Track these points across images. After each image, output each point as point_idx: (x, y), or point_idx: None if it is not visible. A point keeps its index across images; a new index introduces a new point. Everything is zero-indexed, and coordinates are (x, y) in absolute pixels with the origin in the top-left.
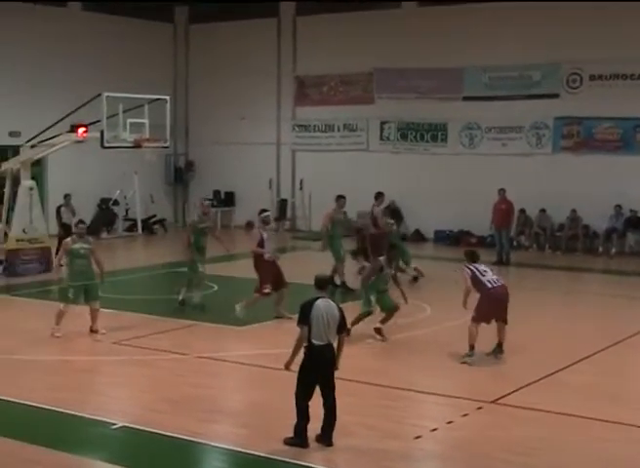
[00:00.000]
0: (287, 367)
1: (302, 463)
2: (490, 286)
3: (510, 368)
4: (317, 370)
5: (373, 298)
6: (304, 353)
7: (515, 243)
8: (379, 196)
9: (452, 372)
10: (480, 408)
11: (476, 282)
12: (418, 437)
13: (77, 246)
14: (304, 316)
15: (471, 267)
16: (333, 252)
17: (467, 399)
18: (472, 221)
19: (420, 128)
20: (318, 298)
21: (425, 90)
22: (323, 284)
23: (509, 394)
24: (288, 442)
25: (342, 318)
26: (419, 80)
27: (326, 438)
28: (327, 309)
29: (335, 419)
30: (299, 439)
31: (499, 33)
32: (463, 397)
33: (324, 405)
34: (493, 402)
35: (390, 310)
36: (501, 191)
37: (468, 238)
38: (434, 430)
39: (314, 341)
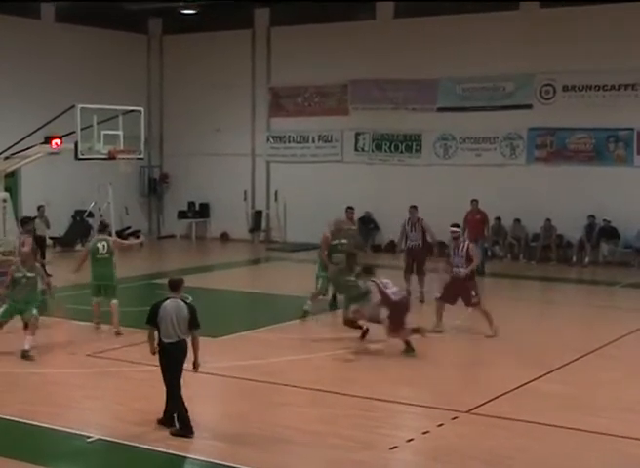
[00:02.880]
0: (152, 353)
1: None
2: (393, 298)
3: (485, 378)
4: (167, 363)
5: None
6: (158, 351)
7: (489, 253)
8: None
9: (427, 383)
10: (455, 418)
11: (381, 295)
12: (394, 447)
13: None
14: (152, 317)
15: (376, 281)
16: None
17: (442, 409)
18: (446, 232)
19: (394, 139)
20: (167, 299)
21: (400, 101)
22: (175, 285)
23: (484, 404)
24: (174, 433)
25: (192, 315)
26: (393, 91)
27: (169, 425)
28: (175, 309)
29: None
30: (184, 428)
31: (472, 44)
32: (439, 407)
33: (167, 391)
34: (468, 412)
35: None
36: (474, 202)
37: (443, 248)
38: (410, 440)
39: (164, 340)
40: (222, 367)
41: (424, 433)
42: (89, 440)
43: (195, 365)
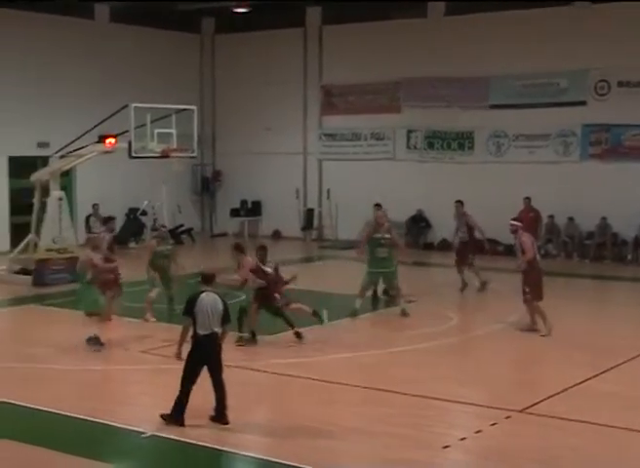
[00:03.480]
0: (177, 356)
1: None
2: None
3: (539, 376)
4: (203, 356)
5: None
6: (192, 342)
7: (543, 251)
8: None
9: (480, 381)
10: (509, 417)
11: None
12: (446, 446)
13: (161, 248)
14: (189, 308)
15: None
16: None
17: (496, 408)
18: (499, 230)
19: (446, 136)
20: (203, 292)
21: (452, 98)
22: (209, 278)
23: (538, 403)
24: (165, 418)
25: (226, 310)
26: (445, 89)
27: (221, 416)
28: (211, 302)
29: (225, 396)
30: (177, 416)
31: (525, 41)
32: (492, 406)
33: (214, 385)
34: (521, 411)
35: None
36: (527, 200)
37: (495, 246)
38: (463, 439)
39: (199, 331)
40: (275, 364)
41: (477, 432)
42: (144, 436)
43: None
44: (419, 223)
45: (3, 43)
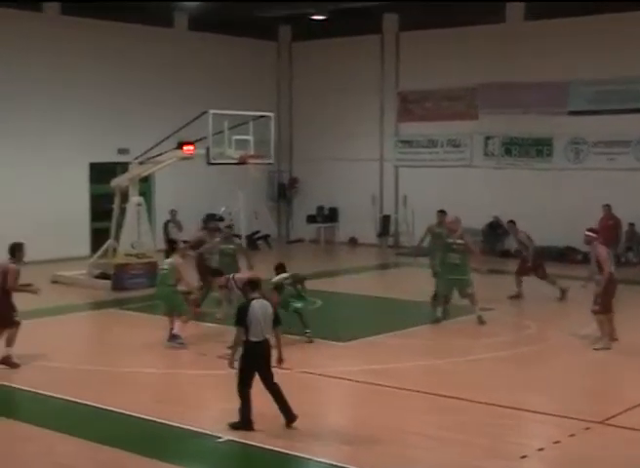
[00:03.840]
0: (230, 365)
1: None
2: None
3: (618, 387)
4: (256, 363)
5: None
6: (243, 349)
7: (623, 259)
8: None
9: (558, 391)
10: (588, 428)
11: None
12: (523, 456)
13: (224, 246)
14: (242, 318)
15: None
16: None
17: (574, 418)
18: (578, 237)
19: (524, 143)
20: (253, 299)
21: (530, 104)
22: (256, 285)
23: (618, 414)
24: (234, 426)
25: (275, 314)
26: (523, 94)
27: (289, 416)
28: (262, 308)
29: (283, 397)
30: (244, 423)
31: (604, 45)
32: (570, 416)
33: (269, 391)
34: (601, 422)
35: None
36: (606, 207)
37: (574, 254)
38: (541, 450)
39: (252, 339)
40: (351, 371)
41: (555, 443)
42: (219, 440)
43: (280, 360)
44: (495, 230)
45: (81, 51)
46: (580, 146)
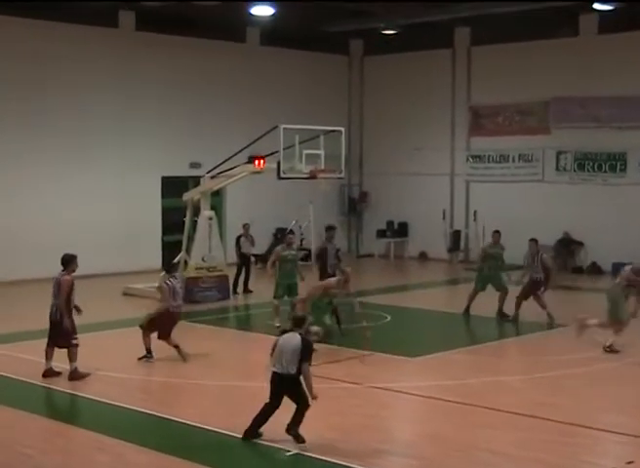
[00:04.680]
0: (314, 397)
1: None
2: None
3: None
4: (277, 392)
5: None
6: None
7: None
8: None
9: (634, 409)
10: None
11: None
12: None
13: (286, 252)
14: (273, 347)
15: (169, 282)
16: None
17: None
18: None
19: (597, 158)
20: (285, 332)
21: (603, 119)
22: (298, 322)
23: None
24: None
25: (303, 350)
26: (597, 109)
27: (289, 429)
28: (288, 342)
29: (299, 419)
30: (249, 430)
31: None
32: None
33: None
34: None
35: None
36: None
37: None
38: None
39: (273, 369)
40: (419, 386)
41: (629, 463)
42: (288, 454)
43: (312, 397)
44: (568, 246)
45: (155, 66)
46: None
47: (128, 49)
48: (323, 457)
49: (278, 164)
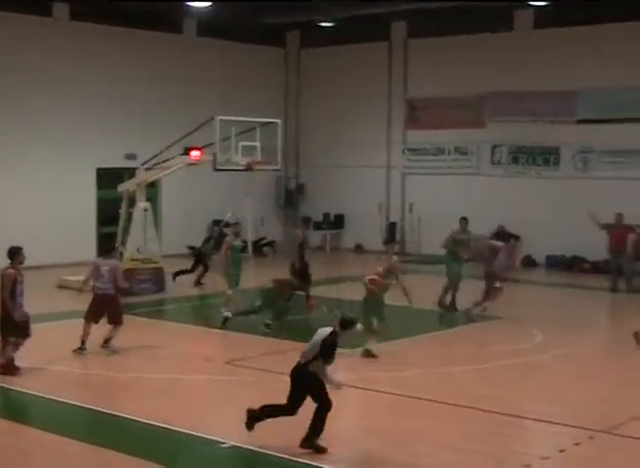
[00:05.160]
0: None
1: None
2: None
3: (625, 397)
4: (292, 388)
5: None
6: None
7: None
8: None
9: (563, 400)
10: (592, 437)
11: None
12: (527, 465)
13: (237, 243)
14: None
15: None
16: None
17: (580, 427)
18: (586, 247)
19: (532, 151)
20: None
21: (538, 113)
22: (348, 324)
23: (624, 423)
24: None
25: (321, 347)
26: (531, 103)
27: (316, 446)
28: (317, 334)
29: (313, 425)
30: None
31: (615, 54)
32: (575, 425)
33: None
34: (606, 431)
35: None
36: (619, 216)
37: (582, 263)
38: (545, 458)
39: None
40: (358, 378)
41: (561, 451)
42: (223, 445)
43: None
44: (501, 239)
45: (88, 57)
46: (588, 155)
47: (62, 39)
48: (259, 449)
49: (214, 155)
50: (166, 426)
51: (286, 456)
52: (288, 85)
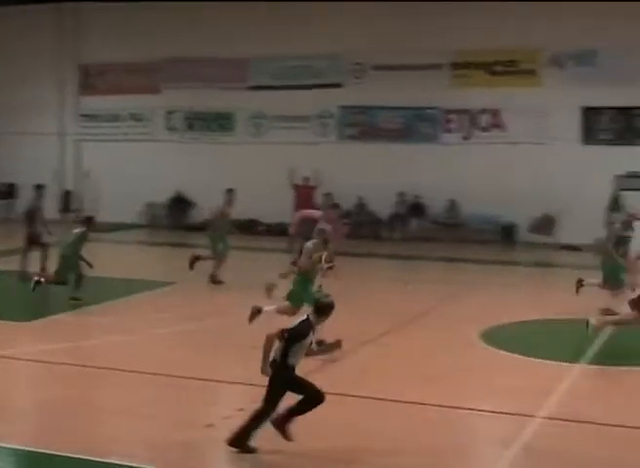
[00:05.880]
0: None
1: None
2: None
3: None
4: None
5: None
6: None
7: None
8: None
9: (243, 358)
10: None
11: None
12: (209, 425)
13: None
14: None
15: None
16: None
17: (258, 385)
18: (261, 210)
19: (206, 117)
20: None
21: (212, 79)
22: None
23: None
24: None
25: (287, 328)
26: (206, 70)
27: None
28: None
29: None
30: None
31: (285, 23)
32: (254, 384)
33: None
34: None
35: None
36: (306, 179)
37: (257, 226)
38: (227, 418)
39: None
40: (30, 351)
41: (239, 410)
42: None
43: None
44: (179, 204)
45: None
46: (261, 121)
47: None
48: None
49: None
50: None
51: None
52: None
